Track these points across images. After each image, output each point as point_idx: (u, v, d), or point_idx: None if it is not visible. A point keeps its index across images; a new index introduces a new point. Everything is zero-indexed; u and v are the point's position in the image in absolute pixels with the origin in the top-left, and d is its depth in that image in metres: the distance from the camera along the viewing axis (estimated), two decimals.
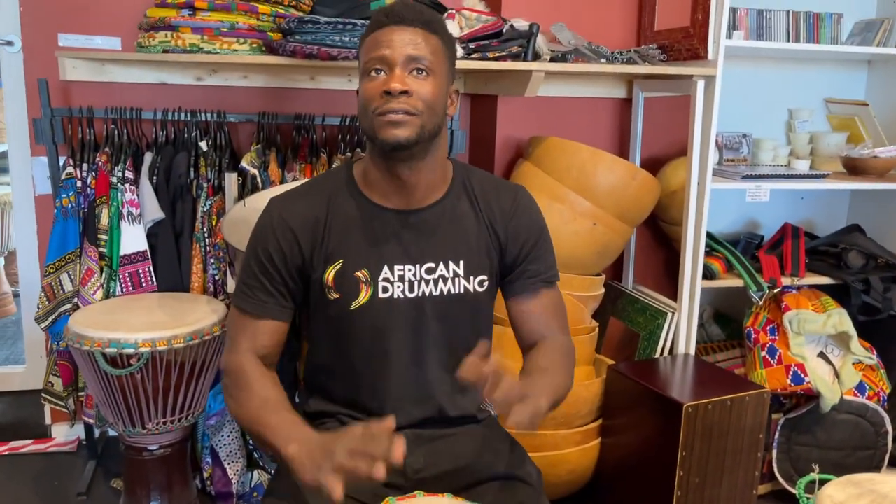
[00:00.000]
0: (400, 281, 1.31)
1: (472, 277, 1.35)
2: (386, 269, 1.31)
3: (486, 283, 1.37)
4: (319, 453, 1.07)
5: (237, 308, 1.33)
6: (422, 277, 1.32)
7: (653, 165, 2.65)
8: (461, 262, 1.34)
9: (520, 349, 1.43)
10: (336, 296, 1.31)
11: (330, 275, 1.31)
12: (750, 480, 2.13)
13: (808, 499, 1.36)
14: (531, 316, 1.39)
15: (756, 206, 2.79)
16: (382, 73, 1.23)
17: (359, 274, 1.31)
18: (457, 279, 1.33)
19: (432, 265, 1.32)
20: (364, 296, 1.31)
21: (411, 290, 1.32)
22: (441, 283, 1.33)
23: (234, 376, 1.29)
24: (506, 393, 1.06)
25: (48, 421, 2.67)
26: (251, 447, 2.40)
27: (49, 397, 2.36)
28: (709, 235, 2.48)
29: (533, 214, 1.40)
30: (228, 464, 2.30)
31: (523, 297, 1.39)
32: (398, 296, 1.31)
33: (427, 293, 1.33)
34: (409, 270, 1.31)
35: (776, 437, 2.38)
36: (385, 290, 1.31)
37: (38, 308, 2.27)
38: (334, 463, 1.03)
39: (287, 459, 1.12)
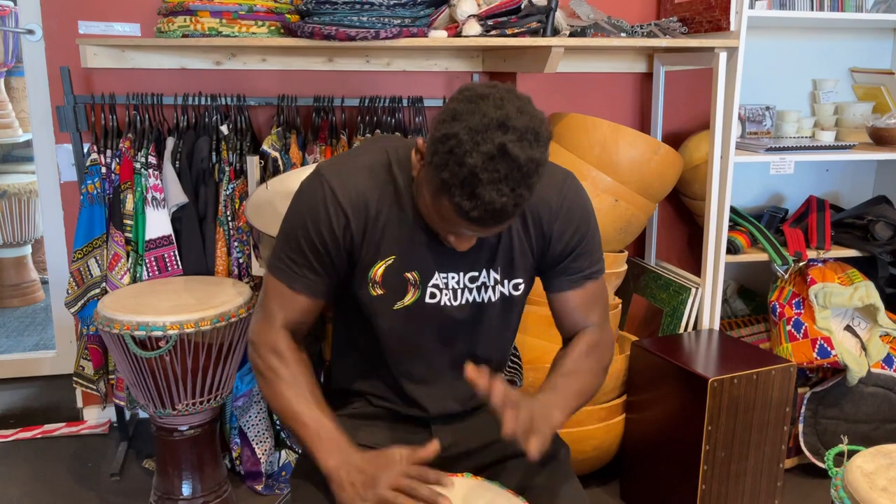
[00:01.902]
0: (447, 288, 1.28)
1: (507, 281, 1.31)
2: (437, 275, 1.27)
3: (521, 287, 1.34)
4: (362, 481, 1.08)
5: (277, 280, 1.27)
6: (465, 286, 1.29)
7: (675, 140, 2.63)
8: (499, 268, 1.30)
9: (560, 334, 1.41)
10: (380, 292, 1.27)
11: (379, 270, 1.25)
12: (776, 454, 2.12)
13: (836, 471, 1.36)
14: (573, 309, 1.35)
15: (780, 179, 2.75)
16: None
17: (408, 275, 1.26)
18: (496, 286, 1.31)
19: (475, 274, 1.29)
20: (410, 298, 1.27)
21: (455, 299, 1.28)
22: (483, 291, 1.30)
23: (266, 355, 1.26)
24: (515, 423, 1.10)
25: (80, 404, 2.73)
26: (278, 427, 2.43)
27: (80, 381, 2.40)
28: (732, 210, 2.46)
29: (580, 210, 1.31)
30: (257, 444, 2.34)
31: (566, 292, 1.34)
32: (445, 303, 1.28)
33: (469, 300, 1.30)
34: (454, 279, 1.28)
35: (802, 411, 2.37)
36: (433, 295, 1.27)
37: (68, 293, 2.31)
38: (377, 496, 1.05)
39: (324, 472, 1.14)
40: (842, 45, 2.80)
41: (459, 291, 1.29)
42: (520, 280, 1.33)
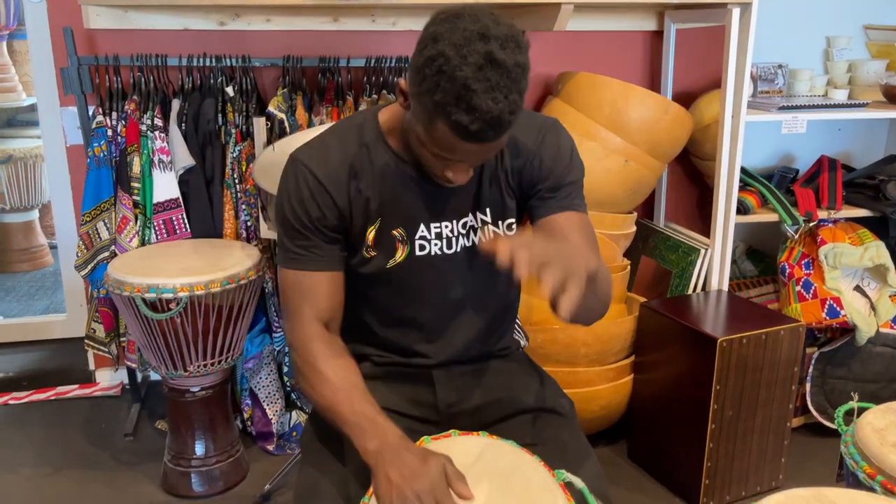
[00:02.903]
0: (437, 238, 1.29)
1: (500, 223, 1.32)
2: (422, 227, 1.28)
3: (514, 227, 1.34)
4: (406, 483, 1.05)
5: (291, 271, 1.26)
6: (459, 233, 1.29)
7: (685, 99, 2.60)
8: (488, 210, 1.31)
9: None
10: (374, 254, 1.28)
11: (371, 234, 1.27)
12: (784, 413, 2.13)
13: (846, 428, 1.36)
14: (560, 232, 1.29)
15: (791, 139, 2.72)
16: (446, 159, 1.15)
17: (395, 232, 1.28)
18: (486, 227, 1.31)
19: (466, 220, 1.30)
20: (401, 254, 1.28)
21: (449, 247, 1.29)
22: (472, 234, 1.31)
23: (302, 354, 1.25)
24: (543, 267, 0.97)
25: (92, 366, 2.75)
26: (289, 389, 2.45)
27: (92, 343, 2.42)
28: (743, 170, 2.44)
29: (561, 149, 1.30)
30: (267, 405, 2.36)
31: (548, 217, 1.30)
32: (435, 252, 1.29)
33: (464, 246, 1.30)
34: (446, 227, 1.29)
35: (810, 370, 2.38)
36: (422, 247, 1.28)
37: (77, 256, 2.31)
38: None
39: (365, 458, 1.11)
40: (855, 1, 2.74)
41: (454, 239, 1.29)
42: (511, 220, 1.33)
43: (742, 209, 2.39)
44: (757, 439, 2.11)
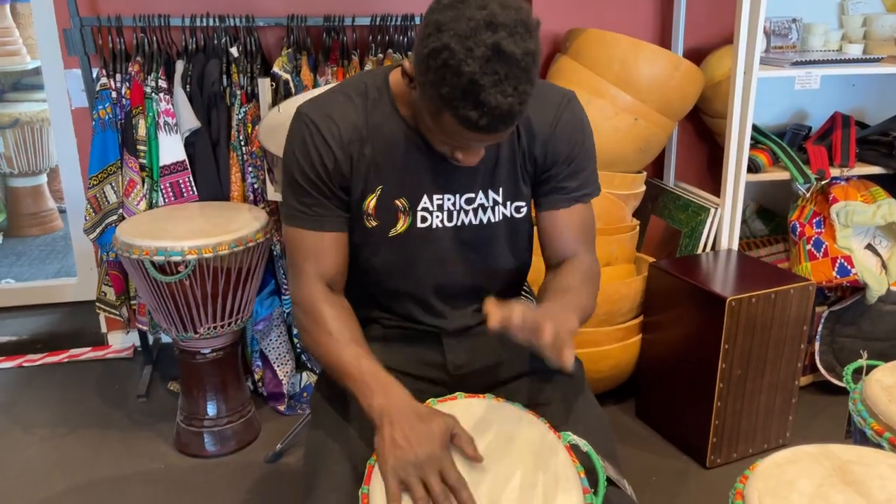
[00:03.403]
0: (439, 211, 1.27)
1: (509, 203, 1.30)
2: (425, 198, 1.26)
3: (523, 209, 1.33)
4: (410, 447, 1.04)
5: (296, 229, 1.25)
6: (461, 207, 1.28)
7: (696, 56, 2.55)
8: (500, 190, 1.29)
9: (543, 261, 1.38)
10: (375, 223, 1.27)
11: (371, 202, 1.25)
12: (792, 372, 2.14)
13: (854, 385, 1.36)
14: (561, 232, 1.33)
15: (804, 95, 2.67)
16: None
17: (398, 202, 1.26)
18: (496, 207, 1.29)
19: (472, 195, 1.27)
20: (402, 224, 1.27)
21: (450, 220, 1.28)
22: (481, 213, 1.29)
23: (306, 312, 1.25)
24: (530, 323, 1.03)
25: (104, 329, 2.78)
26: (299, 350, 2.47)
27: (103, 306, 2.44)
28: (754, 128, 2.40)
29: (575, 130, 1.29)
30: (278, 366, 2.38)
31: (555, 211, 1.32)
32: (437, 225, 1.28)
33: (466, 222, 1.29)
34: (449, 200, 1.26)
35: (819, 329, 2.37)
36: (424, 219, 1.27)
37: (86, 220, 2.32)
38: (412, 486, 1.02)
39: (369, 415, 1.11)
40: None
41: (455, 213, 1.28)
42: (522, 203, 1.32)
43: (753, 167, 2.36)
44: (765, 398, 2.12)
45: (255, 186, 2.35)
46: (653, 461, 2.16)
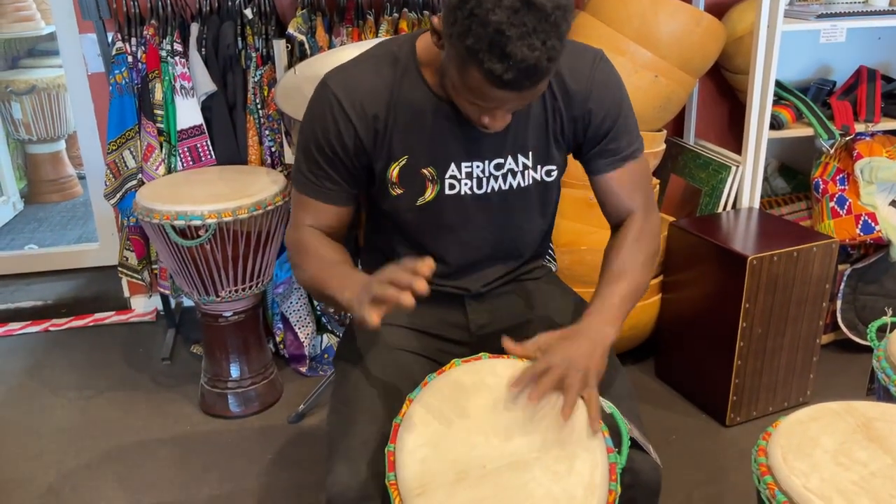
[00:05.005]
0: (468, 178, 1.26)
1: (539, 167, 1.29)
2: (453, 166, 1.25)
3: (553, 173, 1.31)
4: (362, 290, 1.08)
5: (300, 193, 1.28)
6: (490, 174, 1.26)
7: (718, 10, 2.49)
8: (530, 154, 1.27)
9: (606, 220, 1.39)
10: (400, 191, 1.26)
11: (394, 171, 1.25)
12: (814, 330, 2.13)
13: (878, 343, 1.36)
14: (615, 192, 1.32)
15: (829, 49, 2.61)
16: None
17: (425, 171, 1.25)
18: (526, 171, 1.28)
19: (500, 161, 1.26)
20: (430, 193, 1.26)
21: (479, 187, 1.27)
22: (510, 177, 1.28)
23: (296, 247, 1.29)
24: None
25: (126, 293, 2.82)
26: (319, 312, 2.49)
27: (125, 271, 2.47)
28: (777, 83, 2.35)
29: (612, 89, 1.27)
30: (299, 328, 2.41)
31: (606, 174, 1.31)
32: (465, 192, 1.27)
33: (496, 188, 1.28)
34: (478, 167, 1.25)
35: (842, 287, 2.35)
36: (452, 186, 1.26)
37: (106, 185, 2.33)
38: (370, 294, 1.05)
39: (345, 307, 1.15)
40: None
41: (485, 180, 1.27)
42: (553, 166, 1.30)
43: (775, 124, 2.32)
44: (785, 356, 2.12)
45: (273, 149, 2.34)
46: (672, 420, 2.17)
